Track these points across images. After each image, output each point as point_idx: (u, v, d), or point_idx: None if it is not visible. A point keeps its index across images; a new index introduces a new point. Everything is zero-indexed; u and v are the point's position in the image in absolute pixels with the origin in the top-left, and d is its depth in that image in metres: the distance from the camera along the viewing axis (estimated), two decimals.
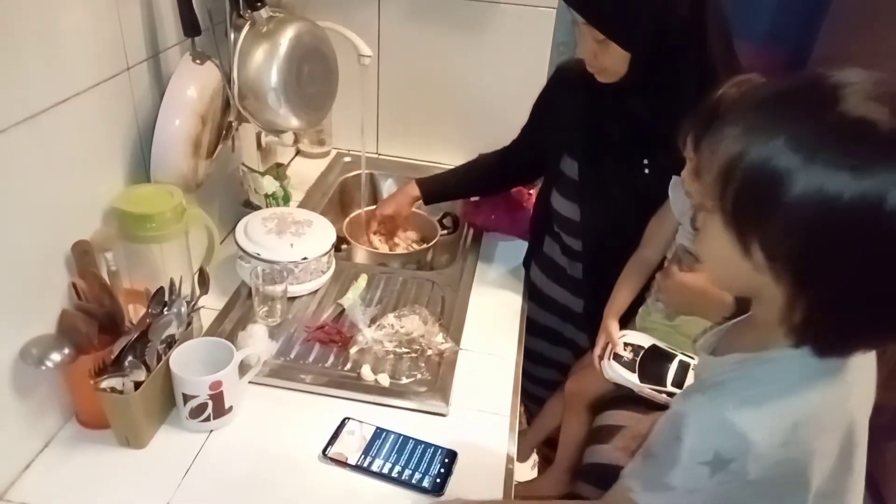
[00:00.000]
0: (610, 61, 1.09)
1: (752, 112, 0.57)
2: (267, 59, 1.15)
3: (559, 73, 1.31)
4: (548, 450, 1.58)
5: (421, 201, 1.51)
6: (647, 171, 1.18)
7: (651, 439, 0.71)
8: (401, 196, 1.52)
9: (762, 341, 0.66)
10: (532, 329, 1.39)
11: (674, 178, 1.13)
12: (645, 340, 1.21)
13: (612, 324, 1.22)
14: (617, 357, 1.19)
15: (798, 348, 0.61)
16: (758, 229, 0.58)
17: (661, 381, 1.15)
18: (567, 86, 1.27)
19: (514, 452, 1.02)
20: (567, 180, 1.27)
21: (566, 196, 1.29)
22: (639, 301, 1.26)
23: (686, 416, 0.65)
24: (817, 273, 0.56)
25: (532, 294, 1.43)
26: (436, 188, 1.50)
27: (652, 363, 1.18)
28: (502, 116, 1.41)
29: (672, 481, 0.67)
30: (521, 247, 1.49)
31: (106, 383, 0.90)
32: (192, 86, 1.09)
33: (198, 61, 1.11)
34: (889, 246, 0.52)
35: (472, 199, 1.57)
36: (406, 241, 1.62)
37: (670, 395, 1.14)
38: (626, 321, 1.27)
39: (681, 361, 1.18)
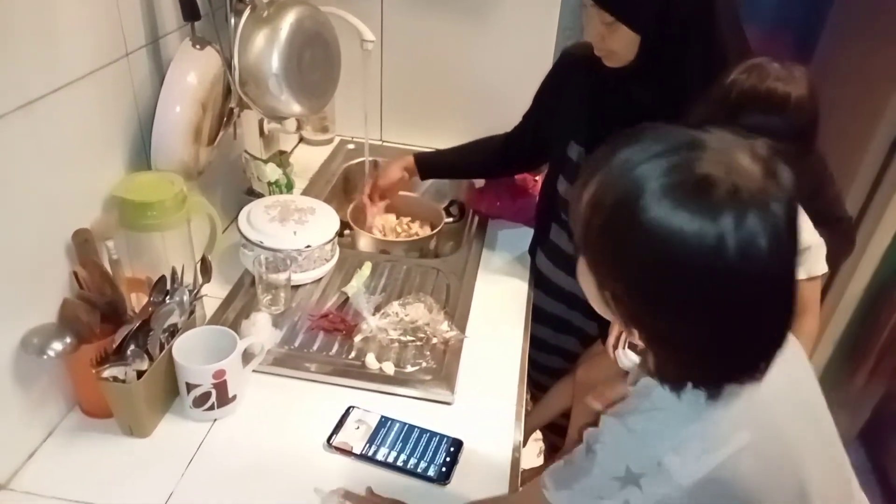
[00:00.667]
0: (618, 45, 1.07)
1: (626, 163, 0.61)
2: (268, 45, 1.14)
3: (565, 57, 1.29)
4: (555, 437, 1.58)
5: (417, 176, 1.48)
6: None
7: (577, 447, 0.75)
8: (393, 162, 1.49)
9: None
10: (538, 317, 1.38)
11: None
12: None
13: None
14: (632, 346, 1.17)
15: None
16: (609, 271, 0.63)
17: None
18: (573, 71, 1.25)
19: (520, 440, 1.01)
20: (574, 167, 1.25)
21: (573, 183, 1.27)
22: None
23: (602, 434, 0.69)
24: (658, 315, 0.61)
25: (538, 282, 1.42)
26: (432, 161, 1.48)
27: None
28: (507, 102, 1.40)
29: (580, 487, 0.71)
30: (526, 234, 1.48)
31: (108, 372, 0.90)
32: (193, 72, 1.08)
33: (198, 47, 1.09)
34: (723, 287, 0.57)
35: (476, 184, 1.55)
36: (413, 229, 1.61)
37: None
38: None
39: None
